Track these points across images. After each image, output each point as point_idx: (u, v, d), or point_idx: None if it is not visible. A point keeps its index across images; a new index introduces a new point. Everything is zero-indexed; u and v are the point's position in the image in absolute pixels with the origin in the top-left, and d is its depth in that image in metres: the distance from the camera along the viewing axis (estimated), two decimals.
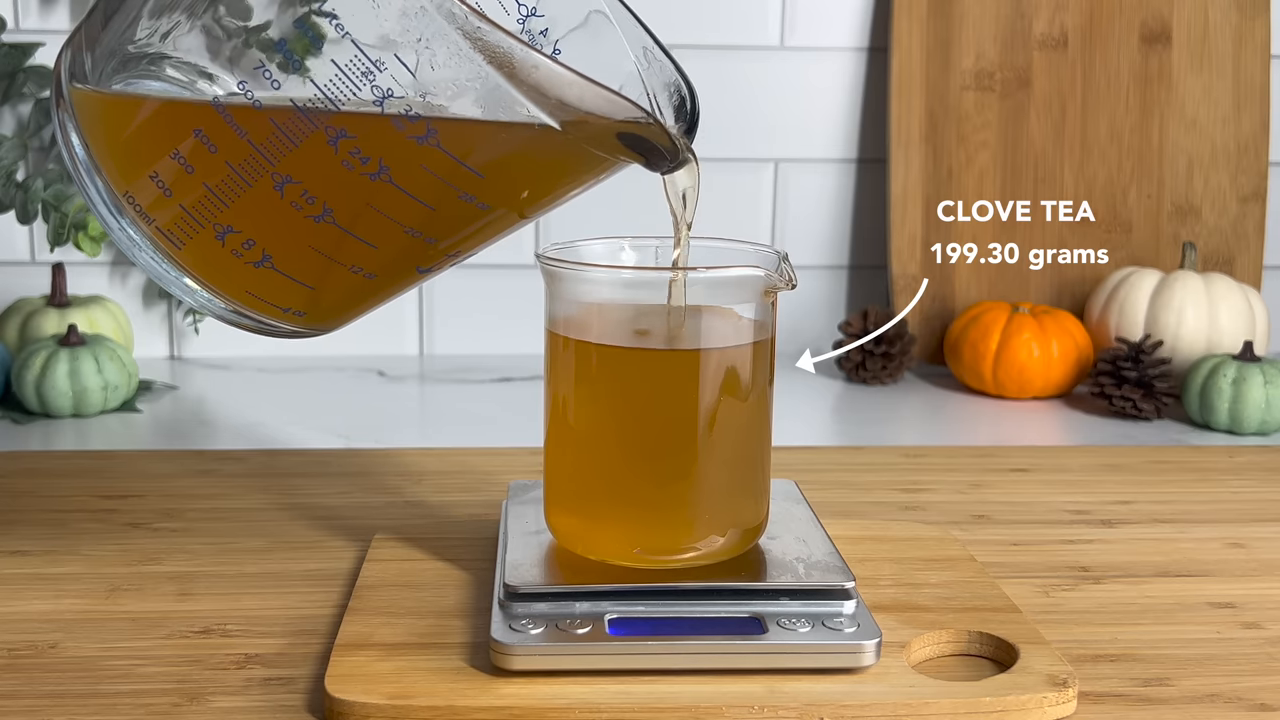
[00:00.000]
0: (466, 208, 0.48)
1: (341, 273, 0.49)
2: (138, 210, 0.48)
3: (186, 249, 0.48)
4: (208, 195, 0.47)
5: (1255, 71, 1.07)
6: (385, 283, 0.51)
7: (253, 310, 0.51)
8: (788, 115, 1.08)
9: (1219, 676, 0.51)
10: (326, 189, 0.46)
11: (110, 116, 0.49)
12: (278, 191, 0.46)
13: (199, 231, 0.47)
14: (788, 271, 0.51)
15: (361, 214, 0.47)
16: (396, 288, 0.52)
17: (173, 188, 0.47)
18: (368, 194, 0.46)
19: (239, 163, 0.46)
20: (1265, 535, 0.67)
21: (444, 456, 0.79)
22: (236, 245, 0.48)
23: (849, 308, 1.11)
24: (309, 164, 0.46)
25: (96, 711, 0.47)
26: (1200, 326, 0.96)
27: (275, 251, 0.48)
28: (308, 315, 0.52)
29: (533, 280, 1.06)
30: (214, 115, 0.45)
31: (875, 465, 0.79)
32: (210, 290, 0.50)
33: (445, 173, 0.46)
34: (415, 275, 0.51)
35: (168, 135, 0.47)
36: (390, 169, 0.46)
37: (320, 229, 0.47)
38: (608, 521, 0.52)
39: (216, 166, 0.46)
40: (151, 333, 1.06)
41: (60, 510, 0.68)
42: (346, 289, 0.51)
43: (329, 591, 0.58)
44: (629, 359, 0.51)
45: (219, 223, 0.47)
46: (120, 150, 0.48)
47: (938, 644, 0.52)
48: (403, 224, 0.47)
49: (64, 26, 1.01)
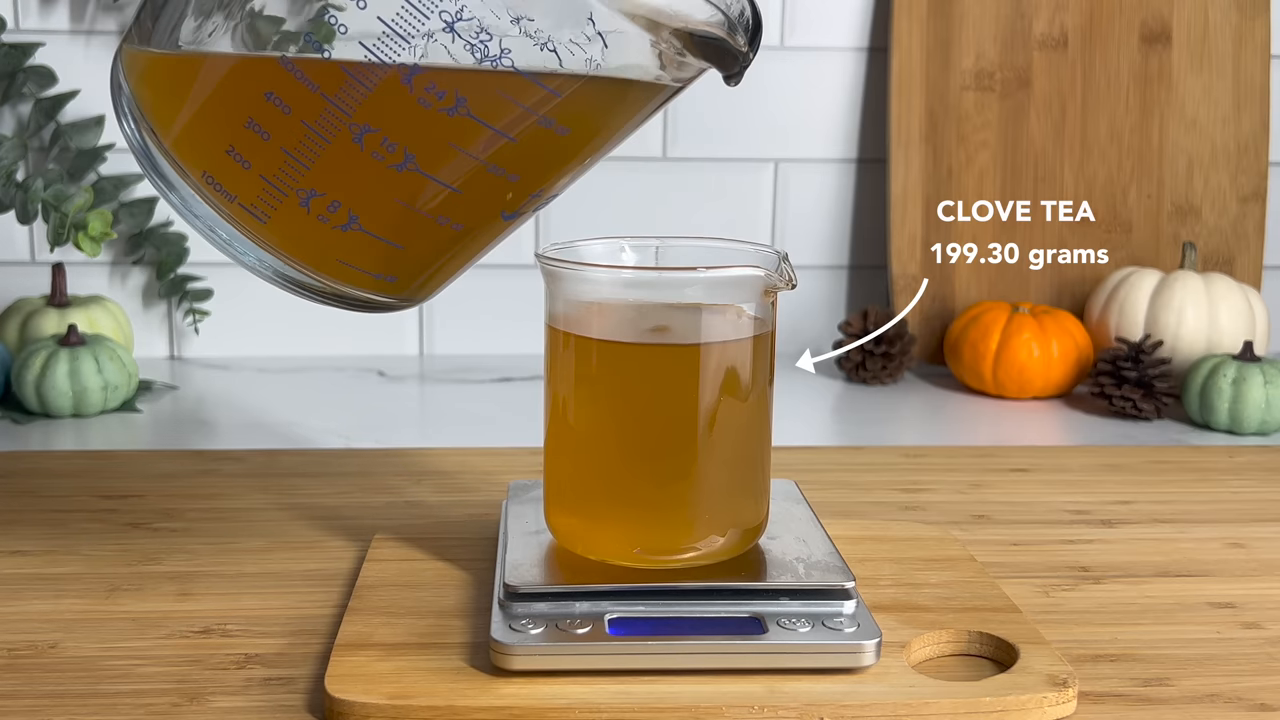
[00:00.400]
0: (546, 135, 0.47)
1: (428, 226, 0.48)
2: (219, 190, 0.47)
3: (272, 222, 0.47)
4: (287, 160, 0.46)
5: (1255, 71, 1.07)
6: (471, 234, 0.50)
7: (345, 283, 0.50)
8: (788, 115, 1.08)
9: (1219, 676, 0.51)
10: (406, 132, 0.45)
11: (176, 95, 0.48)
12: (357, 144, 0.45)
13: (283, 200, 0.47)
14: (788, 271, 0.51)
15: (443, 155, 0.46)
16: (483, 239, 0.51)
17: (251, 158, 0.46)
18: (447, 132, 0.45)
19: (315, 119, 0.45)
20: (1265, 535, 0.67)
21: (444, 456, 0.79)
22: (322, 209, 0.47)
23: (849, 308, 1.11)
24: (385, 108, 0.45)
25: (96, 711, 0.47)
26: (1200, 326, 0.96)
27: (361, 210, 0.47)
28: (399, 280, 0.51)
29: (533, 280, 1.06)
30: (283, 73, 0.45)
31: (875, 465, 0.79)
32: (301, 267, 0.49)
33: (523, 97, 0.45)
34: (500, 223, 0.51)
35: (239, 104, 0.46)
36: (468, 100, 0.45)
37: (404, 178, 0.46)
38: (608, 521, 0.52)
39: (292, 128, 0.45)
40: (151, 333, 1.06)
41: (60, 510, 0.68)
42: (434, 245, 0.50)
43: (329, 591, 0.58)
44: (629, 354, 0.51)
45: (302, 188, 0.46)
46: (192, 132, 0.48)
47: (938, 644, 0.52)
48: (485, 161, 0.47)
49: (64, 26, 1.01)
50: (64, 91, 0.99)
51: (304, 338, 1.07)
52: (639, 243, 0.56)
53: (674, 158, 1.08)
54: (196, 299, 1.04)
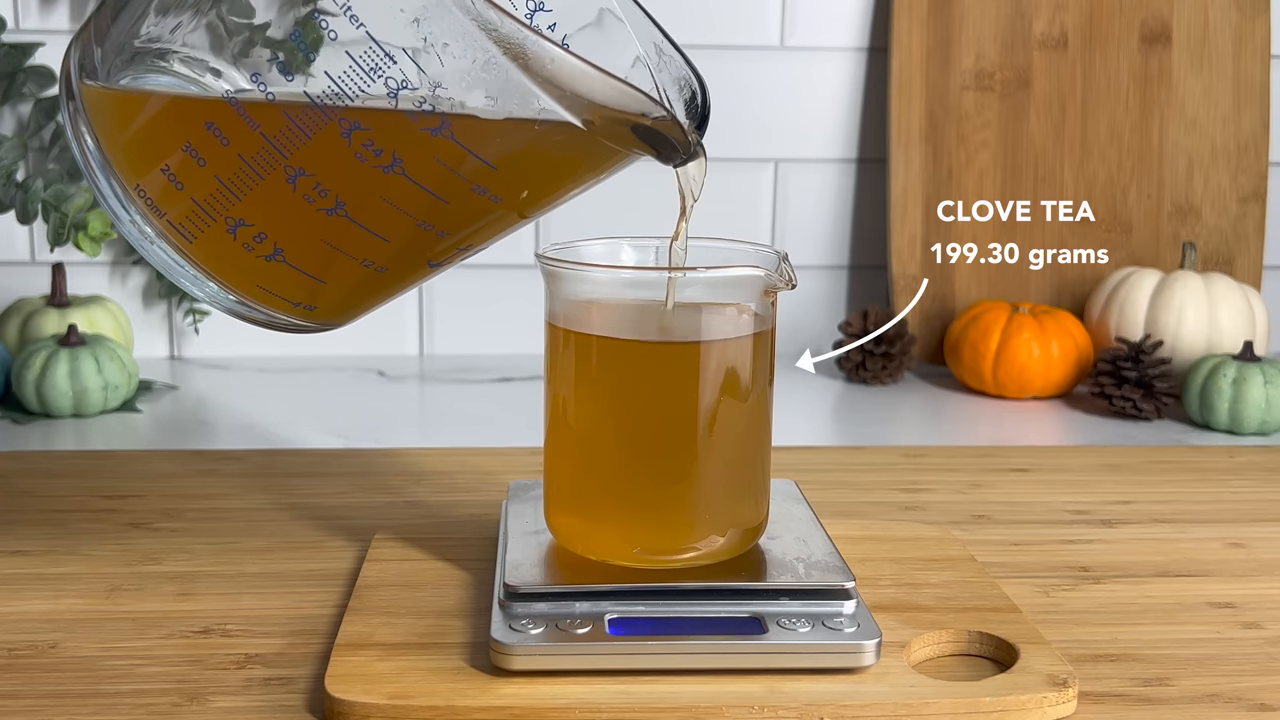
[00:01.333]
0: (479, 200, 0.48)
1: (352, 266, 0.49)
2: (149, 203, 0.48)
3: (198, 243, 0.48)
4: (220, 188, 0.46)
5: (1255, 71, 1.07)
6: (395, 277, 0.51)
7: (263, 305, 0.51)
8: (787, 115, 1.08)
9: (1219, 676, 0.51)
10: (340, 181, 0.46)
11: (122, 111, 0.49)
12: (290, 184, 0.46)
13: (211, 225, 0.47)
14: (788, 271, 0.51)
15: (374, 206, 0.47)
16: (406, 282, 0.52)
17: (184, 181, 0.47)
18: (381, 186, 0.46)
19: (251, 155, 0.46)
20: (1265, 535, 0.67)
21: (444, 456, 0.79)
22: (248, 239, 0.48)
23: (849, 308, 1.11)
24: (322, 157, 0.45)
25: (96, 711, 0.47)
26: (1200, 326, 0.96)
27: (287, 245, 0.48)
28: (317, 310, 0.52)
29: (533, 280, 1.06)
30: (227, 109, 0.45)
31: (875, 465, 0.79)
32: (221, 284, 0.50)
33: (458, 165, 0.46)
34: (425, 269, 0.51)
35: (180, 129, 0.47)
36: (404, 161, 0.45)
37: (333, 222, 0.47)
38: (608, 521, 0.52)
39: (229, 159, 0.46)
40: (151, 333, 1.06)
41: (60, 510, 0.68)
42: (356, 283, 0.51)
43: (329, 591, 0.58)
44: (629, 352, 0.51)
45: (231, 216, 0.47)
46: (131, 144, 0.48)
47: (938, 644, 0.52)
48: (415, 217, 0.47)
49: (64, 26, 1.01)
50: None
51: (304, 338, 1.07)
52: (639, 243, 0.56)
53: None
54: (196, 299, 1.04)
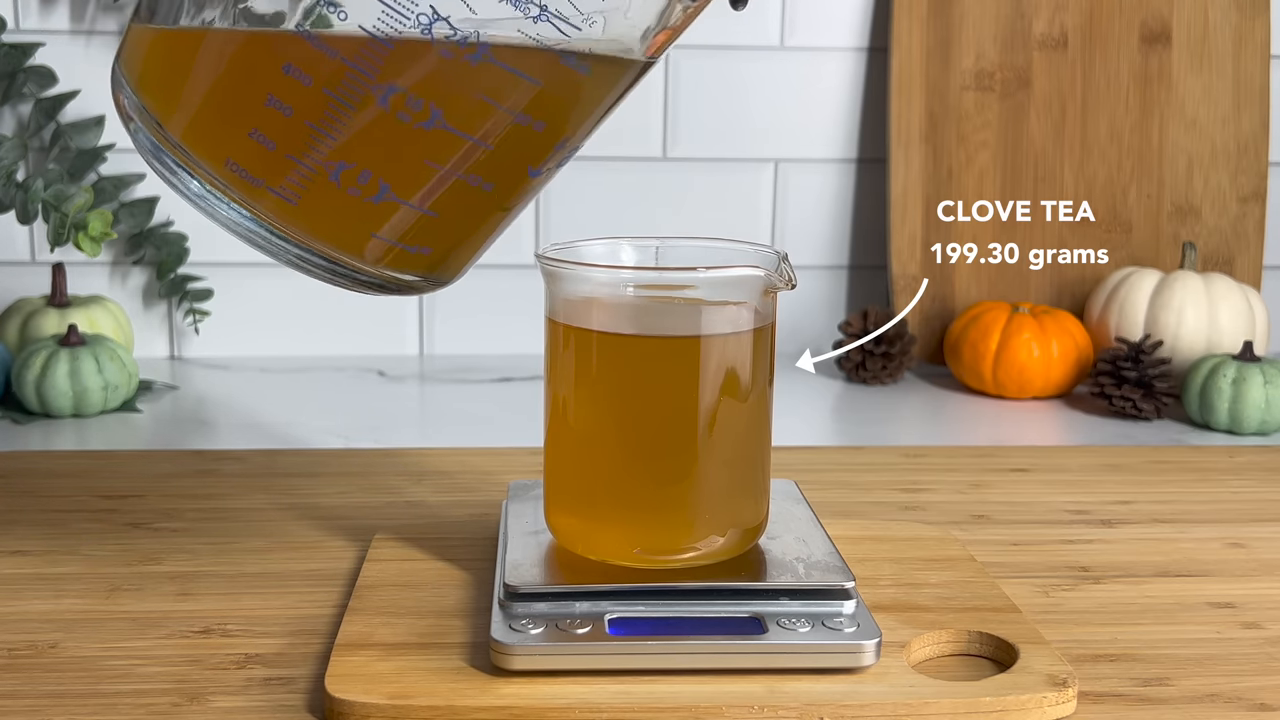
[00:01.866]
0: (570, 75, 0.47)
1: (461, 188, 0.48)
2: (245, 177, 0.46)
3: (303, 203, 0.47)
4: (312, 134, 0.45)
5: (1255, 71, 1.07)
6: (502, 195, 0.50)
7: (379, 264, 0.49)
8: (787, 115, 1.08)
9: (1219, 676, 0.51)
10: (431, 87, 0.45)
11: (186, 81, 0.47)
12: (382, 106, 0.45)
13: (312, 179, 0.46)
14: (787, 271, 0.51)
15: (469, 107, 0.46)
16: (511, 201, 0.51)
17: (275, 138, 0.46)
18: (472, 81, 0.45)
19: (337, 86, 0.45)
20: (1265, 535, 0.67)
21: (444, 456, 0.79)
22: (352, 181, 0.46)
23: (849, 308, 1.11)
24: (408, 65, 0.45)
25: (96, 711, 0.47)
26: (1200, 326, 0.96)
27: (392, 177, 0.47)
28: (433, 253, 0.50)
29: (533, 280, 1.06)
30: (300, 43, 0.44)
31: (875, 465, 0.79)
32: (333, 250, 0.48)
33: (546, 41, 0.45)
34: (527, 179, 0.50)
35: (257, 81, 0.45)
36: (490, 46, 0.45)
37: (432, 136, 0.46)
38: (608, 521, 0.52)
39: (315, 99, 0.45)
40: (151, 333, 1.06)
41: (60, 510, 0.68)
42: (467, 209, 0.50)
43: (329, 591, 0.58)
44: (629, 349, 0.51)
45: (330, 161, 0.46)
46: (207, 120, 0.47)
47: (938, 644, 0.52)
48: (511, 109, 0.47)
49: (64, 27, 1.01)
50: (64, 91, 0.99)
51: (304, 338, 1.07)
52: (639, 243, 0.56)
53: (674, 158, 1.08)
54: (196, 299, 1.04)
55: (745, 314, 0.52)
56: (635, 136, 1.07)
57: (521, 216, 1.07)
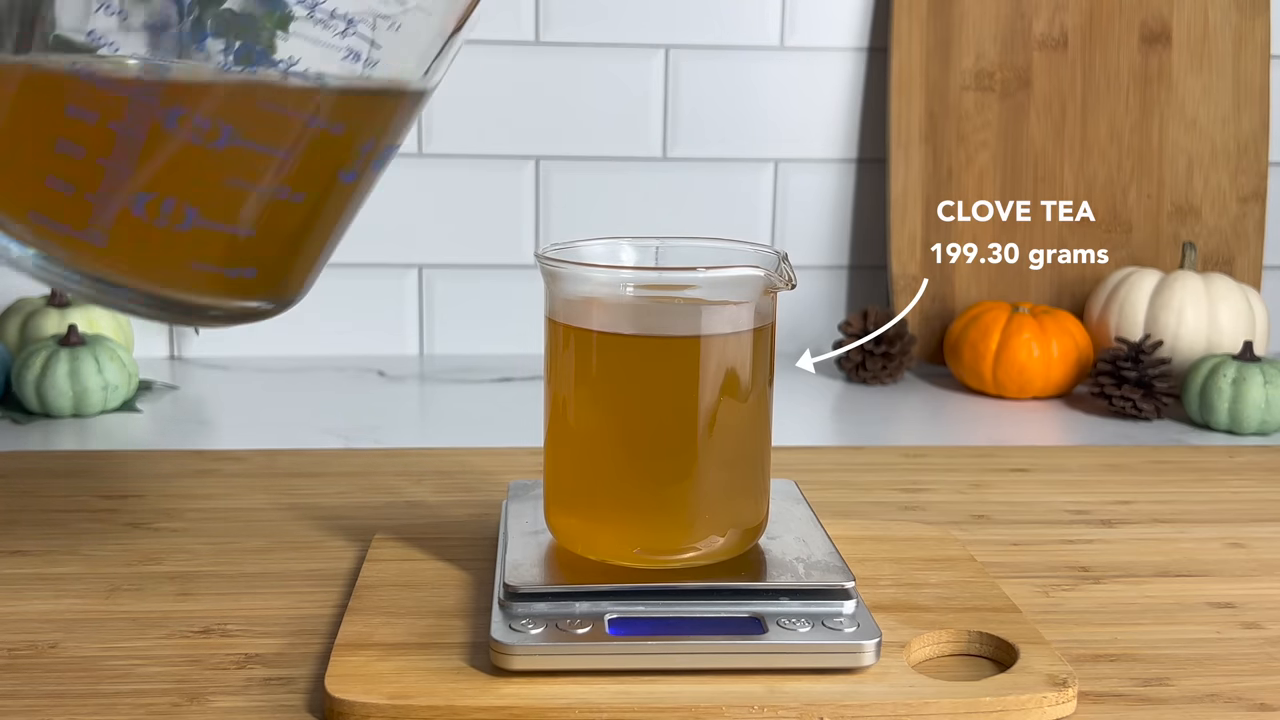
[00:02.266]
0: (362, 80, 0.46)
1: (269, 204, 0.47)
2: (49, 226, 0.45)
3: (112, 242, 0.45)
4: (107, 171, 0.44)
5: (1255, 71, 1.07)
6: (317, 205, 0.49)
7: (207, 293, 0.48)
8: (787, 115, 1.08)
9: (1219, 676, 0.51)
10: (215, 105, 0.44)
11: None
12: (170, 130, 0.44)
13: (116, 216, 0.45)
14: (787, 271, 0.51)
15: (258, 120, 0.45)
16: (333, 210, 0.50)
17: (73, 181, 0.44)
18: (257, 93, 0.44)
19: (121, 119, 0.43)
20: (1265, 535, 0.67)
21: (444, 456, 0.79)
22: (156, 212, 0.45)
23: (849, 308, 1.11)
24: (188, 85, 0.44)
25: (96, 711, 0.47)
26: (1200, 326, 0.96)
27: (197, 201, 0.46)
28: (260, 274, 0.49)
29: (533, 280, 1.06)
30: (76, 82, 0.43)
31: (875, 465, 0.79)
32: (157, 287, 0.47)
33: None
34: (343, 185, 0.49)
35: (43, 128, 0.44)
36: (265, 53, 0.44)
37: (227, 155, 0.45)
38: (608, 521, 0.52)
39: (103, 135, 0.44)
40: (151, 333, 1.06)
41: (60, 510, 0.68)
42: (283, 224, 0.48)
43: (329, 591, 0.58)
44: (629, 348, 0.51)
45: (130, 195, 0.45)
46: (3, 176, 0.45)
47: (938, 644, 0.52)
48: (302, 115, 0.46)
49: None
50: None
51: (304, 338, 1.07)
52: (639, 243, 0.56)
53: (674, 158, 1.08)
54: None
55: (745, 314, 0.52)
56: (635, 136, 1.07)
57: (522, 217, 1.07)
